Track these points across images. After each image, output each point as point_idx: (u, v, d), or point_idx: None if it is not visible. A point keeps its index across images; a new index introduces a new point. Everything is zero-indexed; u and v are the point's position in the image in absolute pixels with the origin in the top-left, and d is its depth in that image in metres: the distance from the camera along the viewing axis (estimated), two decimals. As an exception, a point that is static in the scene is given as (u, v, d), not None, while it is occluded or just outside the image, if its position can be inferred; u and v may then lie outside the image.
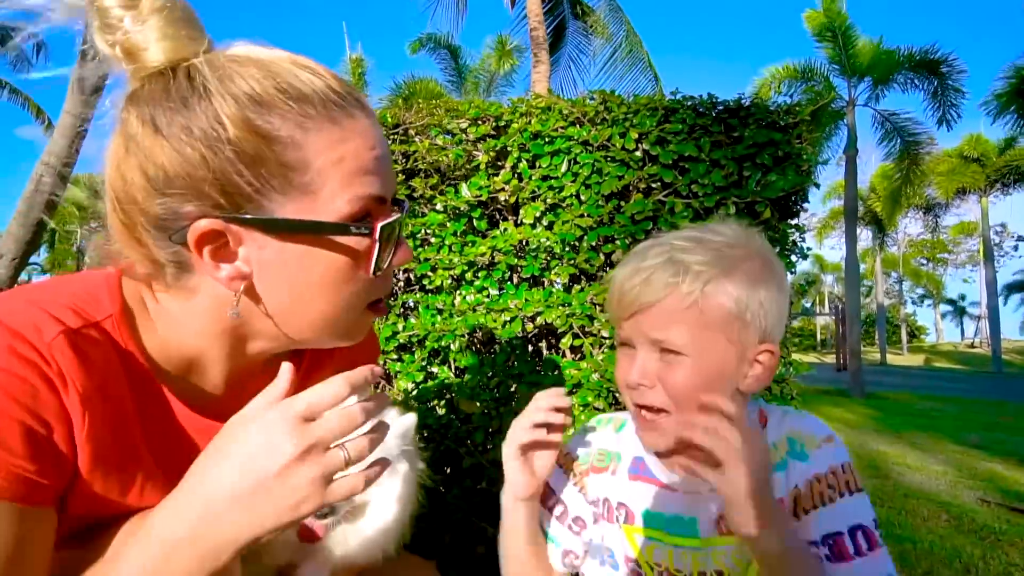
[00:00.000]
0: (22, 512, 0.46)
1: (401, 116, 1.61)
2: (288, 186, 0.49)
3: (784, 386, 1.41)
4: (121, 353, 0.53)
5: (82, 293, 0.53)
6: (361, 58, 16.26)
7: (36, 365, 0.46)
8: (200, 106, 0.48)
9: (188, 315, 0.55)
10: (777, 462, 0.74)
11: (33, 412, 0.46)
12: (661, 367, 0.72)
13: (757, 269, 0.73)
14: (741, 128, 1.42)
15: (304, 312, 0.55)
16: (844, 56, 11.26)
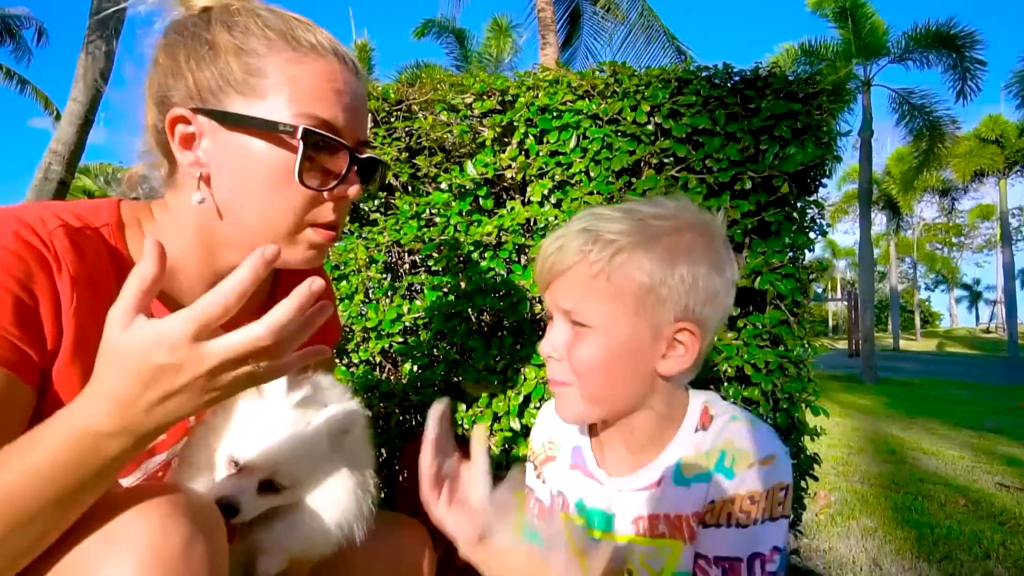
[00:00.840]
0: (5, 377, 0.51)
1: (404, 92, 1.56)
2: (245, 87, 0.60)
3: (801, 369, 1.36)
4: (112, 254, 0.62)
5: (87, 207, 0.63)
6: (367, 43, 16.14)
7: (35, 248, 0.54)
8: (200, 29, 0.61)
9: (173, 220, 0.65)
10: (702, 472, 0.70)
11: (26, 287, 0.53)
12: (571, 340, 0.70)
13: (684, 244, 0.68)
14: (758, 99, 1.36)
15: (247, 208, 0.62)
16: (857, 37, 10.96)
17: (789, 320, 1.38)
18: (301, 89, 0.60)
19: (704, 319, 0.69)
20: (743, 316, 1.42)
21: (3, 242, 0.53)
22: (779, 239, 1.36)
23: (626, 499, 0.75)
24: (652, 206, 0.72)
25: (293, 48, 0.61)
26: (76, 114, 5.51)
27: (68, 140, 5.62)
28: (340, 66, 0.63)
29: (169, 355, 0.44)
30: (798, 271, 1.35)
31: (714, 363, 1.36)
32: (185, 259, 0.66)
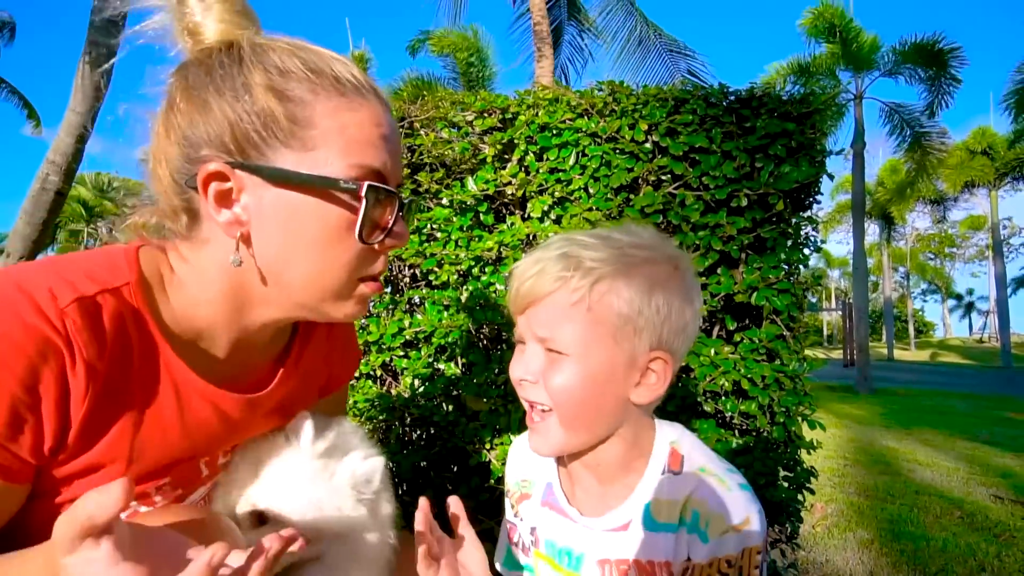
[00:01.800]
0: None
1: (406, 110, 1.59)
2: (292, 139, 0.54)
3: (797, 383, 1.38)
4: (135, 318, 0.56)
5: (102, 261, 0.56)
6: (364, 55, 16.25)
7: (45, 337, 0.48)
8: (230, 69, 0.55)
9: (198, 276, 0.59)
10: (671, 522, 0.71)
11: (28, 387, 0.47)
12: (546, 364, 0.70)
13: (660, 274, 0.70)
14: (753, 118, 1.39)
15: (295, 268, 0.58)
16: (847, 52, 11.13)
17: (785, 335, 1.40)
18: (352, 139, 0.56)
19: (675, 349, 0.71)
20: (740, 331, 1.44)
21: (8, 331, 0.47)
22: (775, 255, 1.39)
23: (596, 539, 0.75)
24: (628, 235, 0.72)
25: (340, 93, 0.56)
26: (74, 125, 5.52)
27: (66, 151, 5.63)
28: (382, 108, 0.59)
29: None
30: (793, 286, 1.38)
31: (711, 377, 1.37)
32: (212, 317, 0.60)
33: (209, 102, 0.54)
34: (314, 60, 0.56)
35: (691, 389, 1.40)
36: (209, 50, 0.57)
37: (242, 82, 0.54)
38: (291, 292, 0.60)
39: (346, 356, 0.87)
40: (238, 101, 0.54)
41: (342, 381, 0.88)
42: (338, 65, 0.57)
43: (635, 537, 0.72)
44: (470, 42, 12.08)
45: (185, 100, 0.55)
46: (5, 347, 0.46)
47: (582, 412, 0.70)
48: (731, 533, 0.67)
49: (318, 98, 0.55)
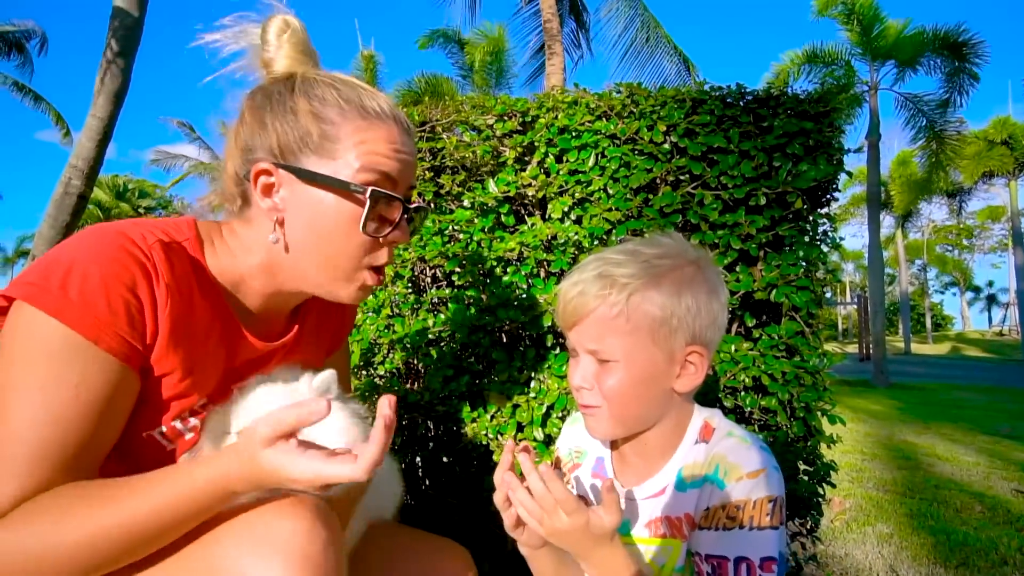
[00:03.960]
0: (114, 364, 0.61)
1: (428, 114, 1.62)
2: (320, 149, 0.70)
3: (817, 378, 1.40)
4: (193, 263, 0.71)
5: (171, 224, 0.73)
6: (373, 55, 16.32)
7: (139, 259, 0.64)
8: (284, 96, 0.71)
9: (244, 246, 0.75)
10: (697, 479, 0.81)
11: (134, 293, 0.63)
12: (598, 371, 0.81)
13: (686, 277, 0.80)
14: (771, 118, 1.41)
15: (314, 250, 0.73)
16: (866, 38, 10.96)
17: (804, 331, 1.42)
18: (367, 151, 0.70)
19: (708, 339, 0.81)
20: (759, 327, 1.46)
21: (115, 255, 0.62)
22: (793, 253, 1.41)
23: (638, 506, 0.86)
24: (652, 246, 0.83)
25: (362, 117, 0.71)
26: (95, 129, 5.63)
27: (88, 155, 5.74)
28: (397, 128, 0.74)
29: (285, 483, 0.56)
30: (812, 283, 1.39)
31: (732, 373, 1.40)
32: (250, 277, 0.77)
33: (266, 119, 0.71)
34: (347, 92, 0.72)
35: (711, 385, 1.42)
36: (274, 79, 0.74)
37: (291, 106, 0.71)
38: (308, 268, 0.74)
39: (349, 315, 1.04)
40: (286, 120, 0.70)
41: (342, 336, 1.03)
42: (366, 96, 0.73)
43: (668, 498, 0.83)
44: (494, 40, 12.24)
45: (251, 116, 0.73)
46: (118, 266, 0.62)
47: (632, 407, 0.82)
48: (744, 480, 0.75)
49: (345, 121, 0.71)
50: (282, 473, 0.55)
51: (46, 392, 0.57)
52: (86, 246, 0.62)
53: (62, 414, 0.58)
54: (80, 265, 0.60)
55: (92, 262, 0.61)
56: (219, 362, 0.75)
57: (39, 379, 0.57)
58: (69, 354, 0.58)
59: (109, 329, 0.60)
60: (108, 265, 0.61)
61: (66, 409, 0.58)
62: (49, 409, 0.57)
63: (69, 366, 0.58)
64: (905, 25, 10.82)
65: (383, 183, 0.72)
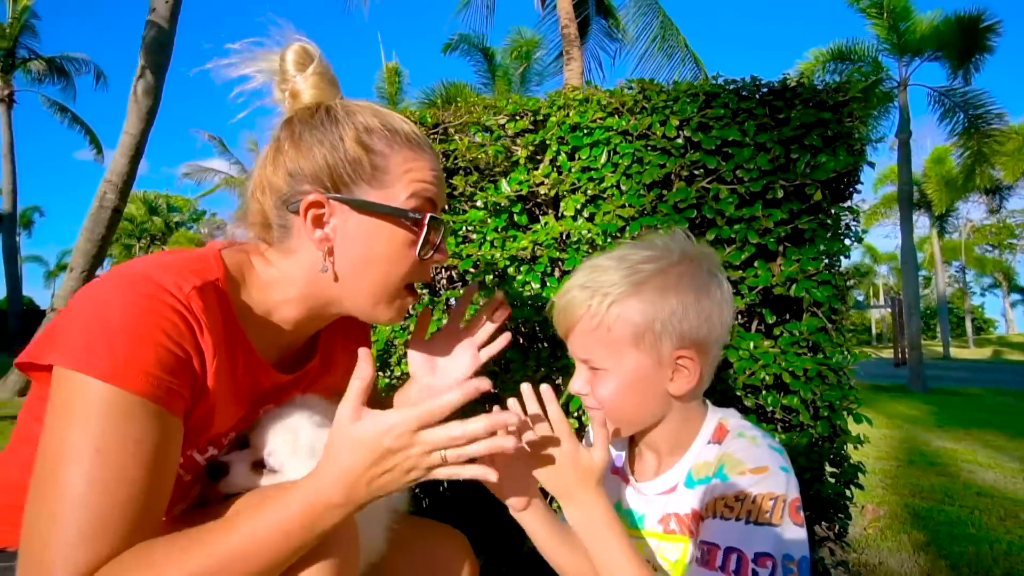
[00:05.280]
0: (167, 417, 0.62)
1: (440, 116, 1.63)
2: (373, 180, 0.72)
3: (841, 376, 1.35)
4: (222, 303, 0.70)
5: (197, 261, 0.70)
6: (397, 67, 16.62)
7: (180, 312, 0.63)
8: (330, 127, 0.72)
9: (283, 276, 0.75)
10: (705, 477, 0.80)
11: (178, 344, 0.62)
12: (591, 378, 0.83)
13: (670, 280, 0.79)
14: (787, 109, 1.37)
15: (364, 277, 0.74)
16: (895, 33, 10.66)
17: (827, 327, 1.37)
18: (415, 179, 0.74)
19: (701, 340, 0.79)
20: (780, 324, 1.42)
21: (155, 308, 0.61)
22: (814, 246, 1.37)
23: (651, 501, 0.87)
24: (643, 249, 0.83)
25: (409, 147, 0.74)
26: (128, 146, 5.87)
27: (121, 170, 5.99)
28: (433, 155, 0.78)
29: (395, 441, 0.60)
30: (834, 278, 1.35)
31: (752, 371, 1.36)
32: (283, 308, 0.77)
33: (313, 149, 0.72)
34: (389, 121, 0.74)
35: (730, 383, 1.39)
36: (309, 109, 0.74)
37: (338, 135, 0.72)
38: (355, 294, 0.76)
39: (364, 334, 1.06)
40: (336, 150, 0.71)
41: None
42: (405, 124, 0.76)
43: (679, 495, 0.84)
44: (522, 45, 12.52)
45: (292, 146, 0.72)
46: (159, 318, 0.61)
47: (624, 411, 0.83)
48: (746, 474, 0.75)
49: (393, 150, 0.73)
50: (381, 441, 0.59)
51: (104, 454, 0.57)
52: (124, 301, 0.61)
53: (123, 474, 0.57)
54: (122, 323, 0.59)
55: (135, 318, 0.60)
56: (243, 395, 0.75)
57: (95, 442, 0.57)
58: (124, 414, 0.58)
59: (161, 384, 0.60)
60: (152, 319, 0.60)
61: (126, 469, 0.57)
62: (109, 470, 0.57)
63: (125, 426, 0.58)
64: (936, 17, 10.48)
65: (430, 208, 0.76)
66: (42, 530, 0.55)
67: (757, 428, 0.84)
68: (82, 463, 0.56)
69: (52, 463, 0.57)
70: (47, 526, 0.55)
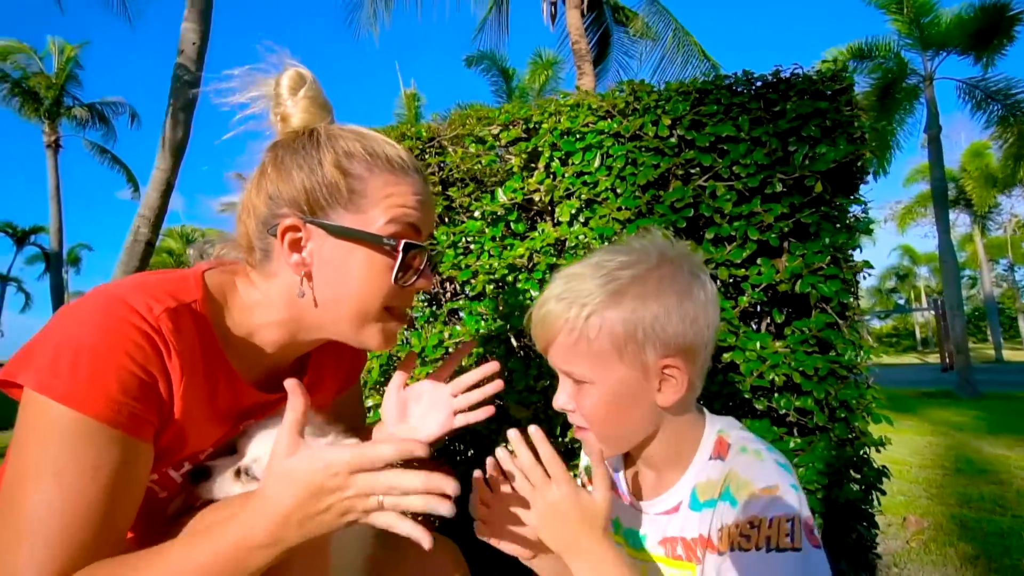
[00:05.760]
0: (130, 441, 0.61)
1: (436, 130, 1.65)
2: (350, 204, 0.70)
3: (857, 374, 1.29)
4: (199, 325, 0.69)
5: (178, 282, 0.70)
6: (415, 93, 17.04)
7: (148, 334, 0.62)
8: (310, 150, 0.71)
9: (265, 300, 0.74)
10: (711, 499, 0.75)
11: (144, 368, 0.61)
12: (576, 392, 0.77)
13: (649, 286, 0.74)
14: (782, 102, 1.34)
15: (343, 302, 0.72)
16: (917, 27, 10.39)
17: (838, 323, 1.31)
18: (394, 203, 0.72)
19: (687, 345, 0.74)
20: (788, 323, 1.37)
21: (122, 330, 0.61)
22: (818, 240, 1.32)
23: (652, 522, 0.82)
24: (619, 254, 0.78)
25: (390, 171, 0.72)
26: (160, 181, 6.12)
27: (153, 204, 6.24)
28: (419, 179, 0.75)
29: (330, 479, 0.56)
30: (842, 271, 1.29)
31: (760, 372, 1.31)
32: (265, 331, 0.76)
33: (292, 173, 0.71)
34: (371, 145, 0.73)
35: (738, 387, 1.34)
36: (295, 133, 0.74)
37: (318, 160, 0.71)
38: (336, 320, 0.74)
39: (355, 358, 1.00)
40: (314, 174, 0.70)
41: (352, 380, 1.01)
42: (389, 148, 0.74)
43: (683, 518, 0.78)
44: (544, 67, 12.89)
45: (274, 170, 0.72)
46: (125, 341, 0.60)
47: (612, 426, 0.78)
48: (757, 496, 0.69)
49: (372, 175, 0.71)
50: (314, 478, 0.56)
51: (61, 478, 0.56)
52: (92, 323, 0.60)
53: (80, 498, 0.57)
54: (87, 345, 0.58)
55: (100, 340, 0.59)
56: (222, 415, 0.74)
57: (53, 465, 0.56)
58: (83, 438, 0.57)
59: (123, 409, 0.59)
60: (117, 342, 0.59)
61: (84, 493, 0.57)
62: (66, 494, 0.56)
63: (84, 450, 0.57)
64: (959, 9, 10.18)
65: (410, 234, 0.73)
66: (6, 547, 0.56)
67: (759, 440, 0.79)
68: (40, 485, 0.56)
69: (14, 483, 0.57)
70: (10, 544, 0.56)
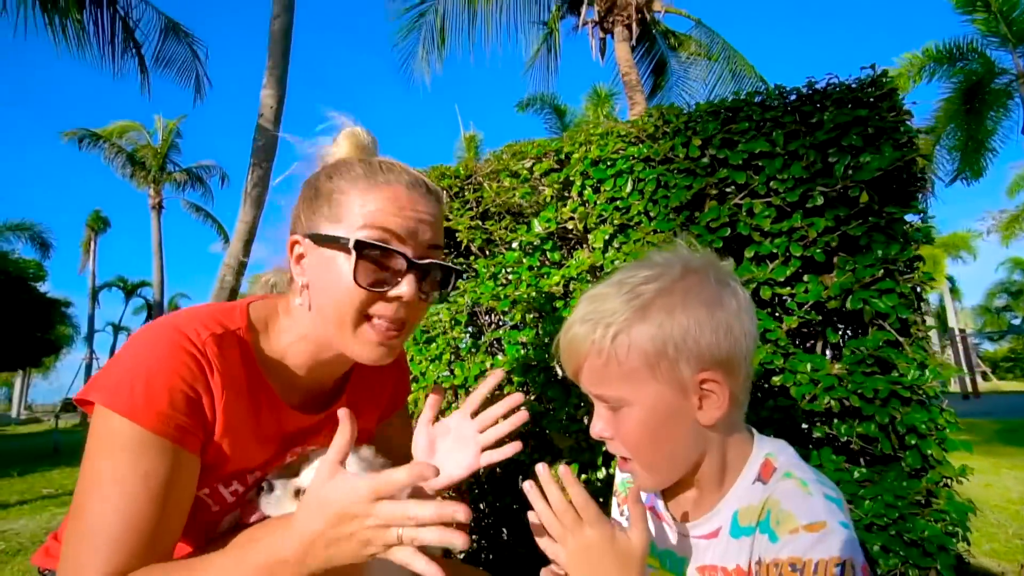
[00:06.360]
0: (178, 451, 0.68)
1: (473, 167, 1.73)
2: (331, 214, 0.75)
3: (925, 396, 1.17)
4: (243, 350, 0.77)
5: (225, 312, 0.79)
6: (474, 135, 17.78)
7: (194, 356, 0.70)
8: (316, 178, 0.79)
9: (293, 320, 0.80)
10: (749, 526, 0.68)
11: (191, 385, 0.69)
12: (612, 418, 0.73)
13: (675, 298, 0.69)
14: (818, 113, 1.30)
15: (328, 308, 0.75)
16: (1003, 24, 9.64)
17: (899, 340, 1.21)
18: (369, 210, 0.73)
19: (724, 358, 0.69)
20: (845, 342, 1.28)
21: (173, 353, 0.69)
22: (870, 253, 1.24)
23: (691, 545, 0.77)
24: (641, 269, 0.74)
25: (368, 181, 0.76)
26: (243, 232, 6.70)
27: (237, 254, 6.82)
28: (406, 190, 0.76)
29: (353, 505, 0.60)
30: (899, 285, 1.20)
31: (812, 396, 1.23)
32: (296, 349, 0.81)
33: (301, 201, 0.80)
34: (363, 167, 0.77)
35: (790, 412, 1.26)
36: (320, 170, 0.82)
37: (316, 185, 0.78)
38: (327, 327, 0.76)
39: (398, 384, 1.03)
40: (312, 197, 0.78)
41: (397, 406, 1.04)
42: (380, 166, 0.78)
43: (723, 543, 0.73)
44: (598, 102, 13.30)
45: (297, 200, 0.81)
46: (175, 362, 0.69)
47: (657, 453, 0.73)
48: (800, 533, 0.62)
49: (353, 185, 0.75)
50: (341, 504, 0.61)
51: (121, 484, 0.64)
52: (149, 347, 0.70)
53: (134, 501, 0.64)
54: (144, 366, 0.68)
55: (155, 362, 0.68)
56: (267, 437, 0.80)
57: (114, 472, 0.65)
58: (138, 447, 0.65)
59: (172, 421, 0.67)
60: (168, 363, 0.68)
61: (138, 497, 0.64)
62: (123, 498, 0.64)
63: (139, 458, 0.65)
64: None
65: (387, 239, 0.73)
66: (75, 543, 0.64)
67: (810, 468, 0.72)
68: (103, 490, 0.65)
69: (83, 488, 0.66)
70: (79, 541, 0.64)
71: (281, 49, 6.27)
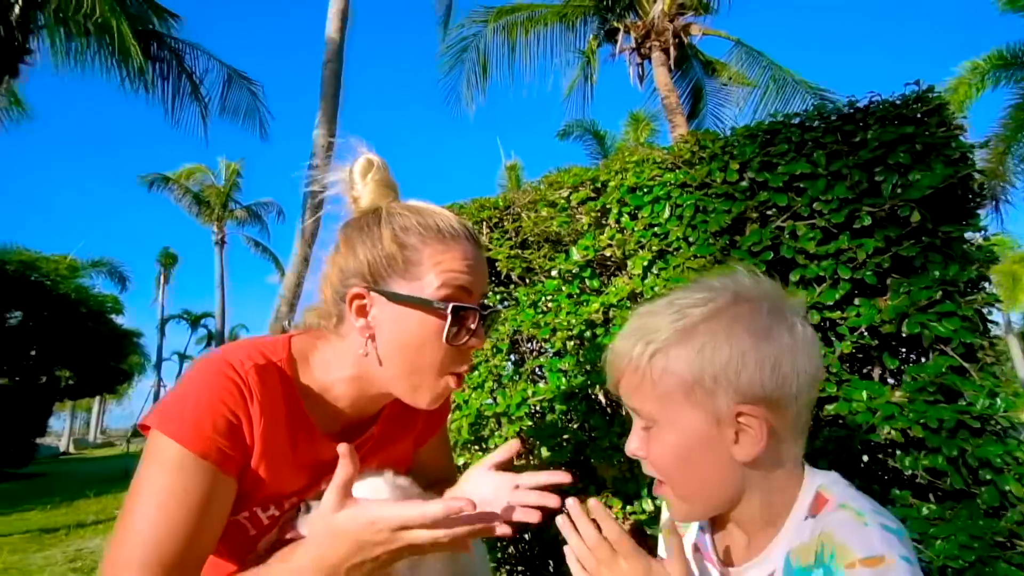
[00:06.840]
0: (217, 473, 0.72)
1: (511, 198, 1.77)
2: (406, 273, 0.79)
3: (998, 427, 1.09)
4: (283, 380, 0.81)
5: (269, 344, 0.84)
6: (517, 164, 18.13)
7: (237, 384, 0.75)
8: (373, 228, 0.82)
9: (339, 358, 0.84)
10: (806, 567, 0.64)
11: (232, 411, 0.74)
12: (646, 437, 0.72)
13: (722, 325, 0.66)
14: (861, 131, 1.26)
15: (401, 362, 0.80)
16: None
17: (965, 367, 1.14)
18: (444, 269, 0.79)
19: (769, 394, 0.65)
20: (902, 369, 1.21)
21: (219, 381, 0.75)
22: (926, 275, 1.18)
23: None
24: (696, 291, 0.72)
25: (440, 241, 0.80)
26: (296, 264, 7.03)
27: (291, 285, 7.15)
28: (469, 244, 0.82)
29: (376, 535, 0.65)
30: (961, 307, 1.14)
31: (870, 425, 1.16)
32: (339, 386, 0.86)
33: (357, 248, 0.82)
34: (424, 218, 0.81)
35: (846, 443, 1.19)
36: (363, 212, 0.85)
37: (378, 236, 0.81)
38: (395, 378, 0.81)
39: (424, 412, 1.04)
40: (375, 248, 0.80)
41: (434, 430, 1.07)
42: (441, 219, 0.82)
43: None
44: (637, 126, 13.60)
45: (345, 246, 0.83)
46: (220, 390, 0.74)
47: (687, 480, 0.70)
48: (858, 568, 0.58)
49: (425, 244, 0.79)
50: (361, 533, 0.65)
51: (160, 498, 0.70)
52: (199, 377, 0.76)
53: (170, 516, 0.70)
54: (193, 394, 0.74)
55: (203, 390, 0.74)
56: (304, 463, 0.84)
57: (156, 489, 0.71)
58: (182, 466, 0.71)
59: (213, 444, 0.72)
60: (213, 391, 0.74)
61: (174, 512, 0.70)
62: (160, 512, 0.70)
63: (181, 474, 0.71)
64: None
65: (461, 296, 0.79)
66: (117, 545, 0.70)
67: (867, 499, 0.68)
68: (146, 501, 0.71)
69: (130, 498, 0.72)
70: (120, 543, 0.70)
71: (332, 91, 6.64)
